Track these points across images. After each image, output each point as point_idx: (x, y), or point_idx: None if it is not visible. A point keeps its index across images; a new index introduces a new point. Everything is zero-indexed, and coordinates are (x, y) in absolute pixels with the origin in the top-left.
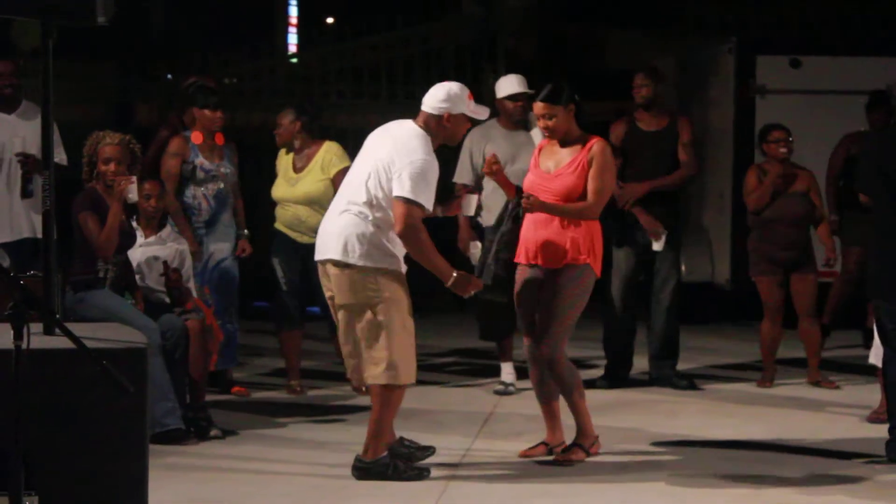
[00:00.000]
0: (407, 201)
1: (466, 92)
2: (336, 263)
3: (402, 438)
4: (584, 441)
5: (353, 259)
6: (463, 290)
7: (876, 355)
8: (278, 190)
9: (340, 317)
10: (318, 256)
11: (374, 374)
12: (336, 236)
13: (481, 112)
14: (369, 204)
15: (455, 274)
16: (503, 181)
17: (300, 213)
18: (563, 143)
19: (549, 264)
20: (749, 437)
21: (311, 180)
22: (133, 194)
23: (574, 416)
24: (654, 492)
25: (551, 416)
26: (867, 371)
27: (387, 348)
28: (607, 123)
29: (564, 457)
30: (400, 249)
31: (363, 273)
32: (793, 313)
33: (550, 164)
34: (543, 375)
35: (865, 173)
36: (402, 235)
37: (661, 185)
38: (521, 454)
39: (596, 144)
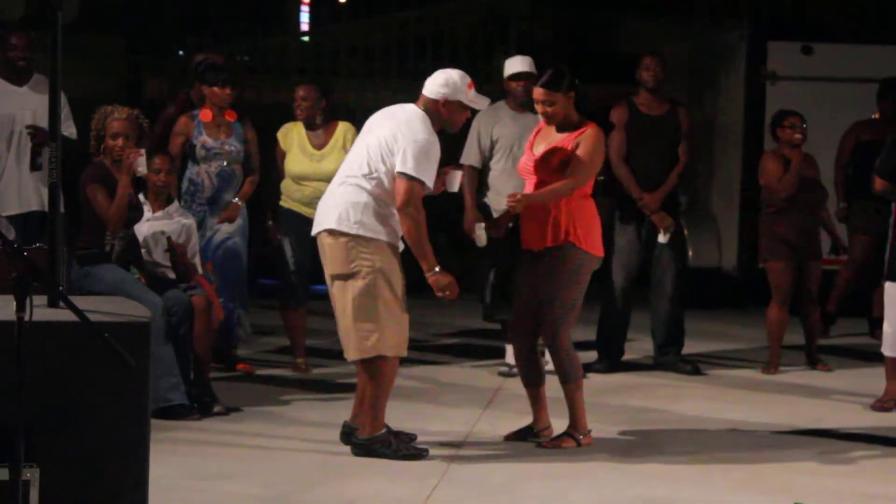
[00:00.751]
0: (409, 178)
1: (467, 81)
2: (331, 232)
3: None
4: (576, 433)
5: (347, 227)
6: (439, 288)
7: (887, 345)
8: (299, 166)
9: (334, 289)
10: (314, 230)
11: (365, 346)
12: (332, 207)
13: (480, 102)
14: (368, 177)
15: (438, 268)
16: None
17: (323, 190)
18: (560, 129)
19: (533, 246)
20: (752, 422)
21: (336, 158)
22: (142, 167)
23: (569, 406)
24: (656, 475)
25: (537, 401)
26: (872, 359)
27: (377, 319)
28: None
29: (554, 443)
30: (396, 223)
31: (356, 241)
32: (795, 299)
33: (542, 147)
34: (528, 360)
35: (890, 161)
36: (401, 210)
37: (671, 185)
38: (507, 437)
39: (588, 130)
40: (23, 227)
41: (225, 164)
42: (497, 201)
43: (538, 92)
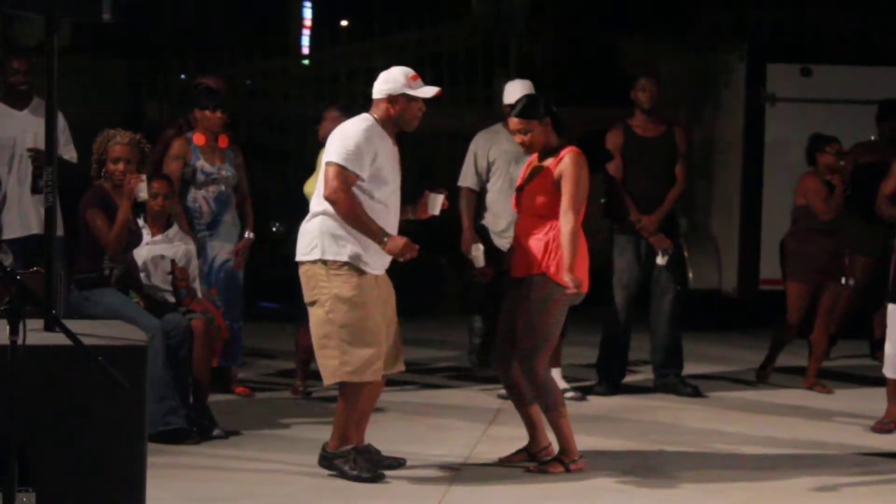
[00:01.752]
0: (333, 164)
1: (409, 73)
2: (300, 263)
3: (369, 446)
4: (566, 458)
5: (307, 255)
6: (397, 254)
7: (889, 367)
8: (312, 188)
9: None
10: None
11: (329, 371)
12: (301, 236)
13: (425, 91)
14: (323, 198)
15: (387, 238)
16: None
17: None
18: (543, 156)
19: (514, 273)
20: (752, 444)
21: None
22: (143, 193)
23: (555, 434)
24: (657, 497)
25: (529, 421)
26: (873, 381)
27: (339, 346)
28: None
29: (541, 468)
30: (372, 254)
31: (314, 269)
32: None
33: (528, 180)
34: (511, 381)
35: None
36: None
37: (669, 207)
38: (500, 460)
39: (567, 156)
40: (23, 250)
41: (223, 188)
42: (494, 223)
43: (513, 122)
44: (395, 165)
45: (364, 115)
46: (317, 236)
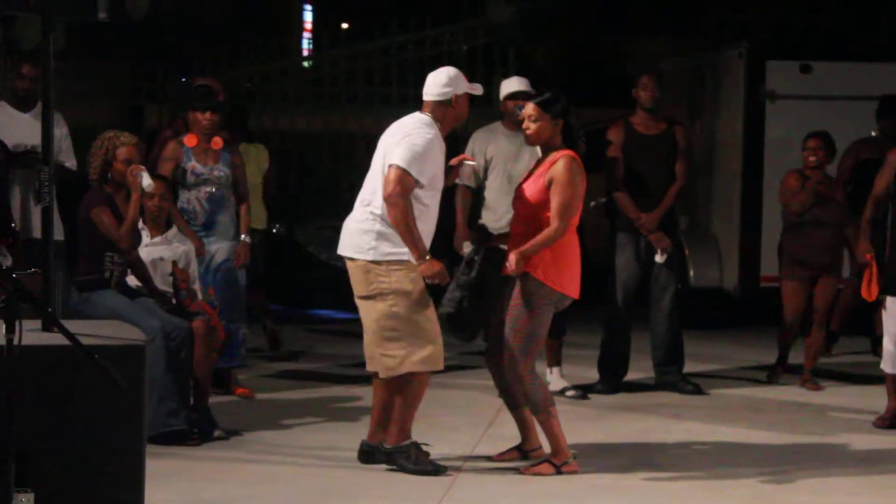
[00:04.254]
0: (398, 168)
1: (461, 72)
2: (350, 258)
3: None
4: (556, 460)
5: (363, 254)
6: (430, 276)
7: (887, 362)
8: None
9: (360, 308)
10: (339, 251)
11: (392, 366)
12: (350, 233)
13: (476, 88)
14: (380, 196)
15: (427, 258)
16: None
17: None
18: (544, 155)
19: (505, 271)
20: (754, 440)
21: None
22: (146, 181)
23: (546, 436)
24: (659, 495)
25: (521, 422)
26: (874, 376)
27: (401, 339)
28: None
29: (530, 470)
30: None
31: (372, 265)
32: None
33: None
34: (503, 383)
35: None
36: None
37: (669, 204)
38: (494, 458)
39: (560, 160)
40: (24, 253)
41: (214, 189)
42: (493, 221)
43: (529, 107)
44: (443, 170)
45: (426, 119)
46: (374, 237)
